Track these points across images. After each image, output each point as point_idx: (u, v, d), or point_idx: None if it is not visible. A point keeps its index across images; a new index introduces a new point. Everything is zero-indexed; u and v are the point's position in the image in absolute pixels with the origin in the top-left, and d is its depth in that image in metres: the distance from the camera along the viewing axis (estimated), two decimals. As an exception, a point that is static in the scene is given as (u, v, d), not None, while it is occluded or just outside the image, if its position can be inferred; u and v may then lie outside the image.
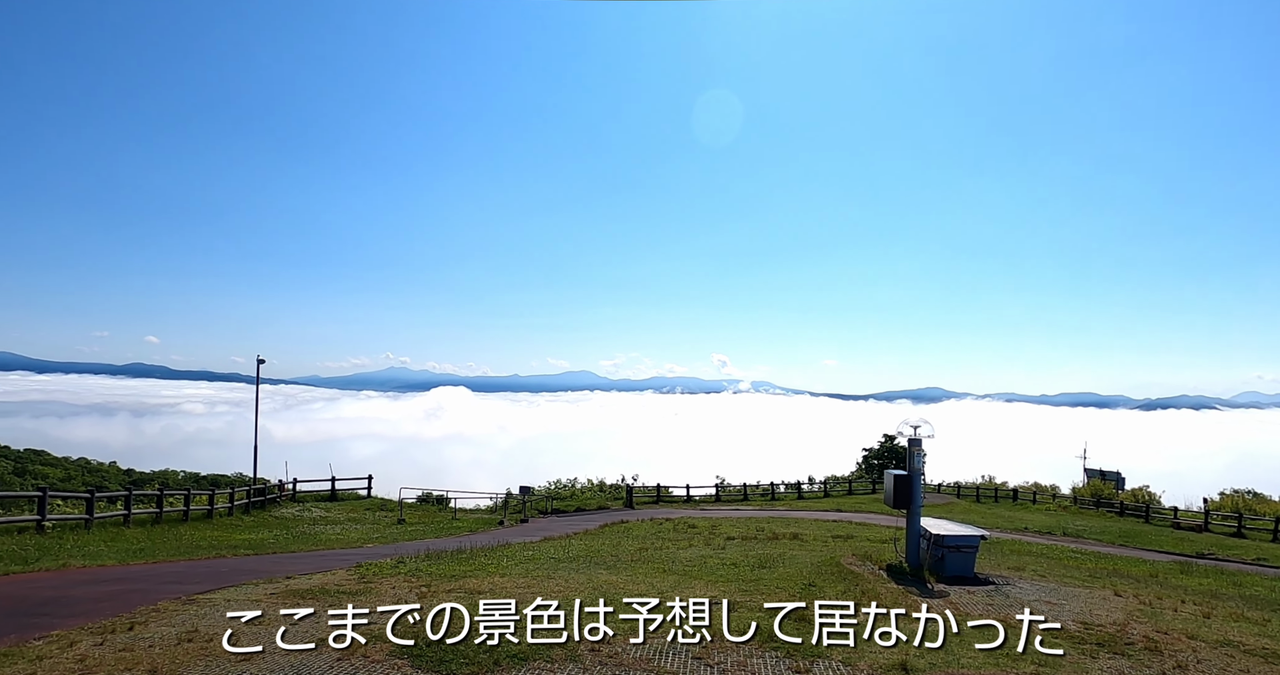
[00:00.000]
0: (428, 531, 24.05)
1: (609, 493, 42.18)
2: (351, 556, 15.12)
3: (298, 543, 19.46)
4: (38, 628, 7.32)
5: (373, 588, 9.56)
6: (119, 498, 21.01)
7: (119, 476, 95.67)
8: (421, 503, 35.86)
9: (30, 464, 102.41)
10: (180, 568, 13.27)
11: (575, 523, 27.35)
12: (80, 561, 13.40)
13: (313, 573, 11.50)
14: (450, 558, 12.96)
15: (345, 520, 27.34)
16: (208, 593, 9.32)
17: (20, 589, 10.25)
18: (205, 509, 25.07)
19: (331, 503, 34.18)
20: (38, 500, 17.45)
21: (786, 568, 12.50)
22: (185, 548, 16.96)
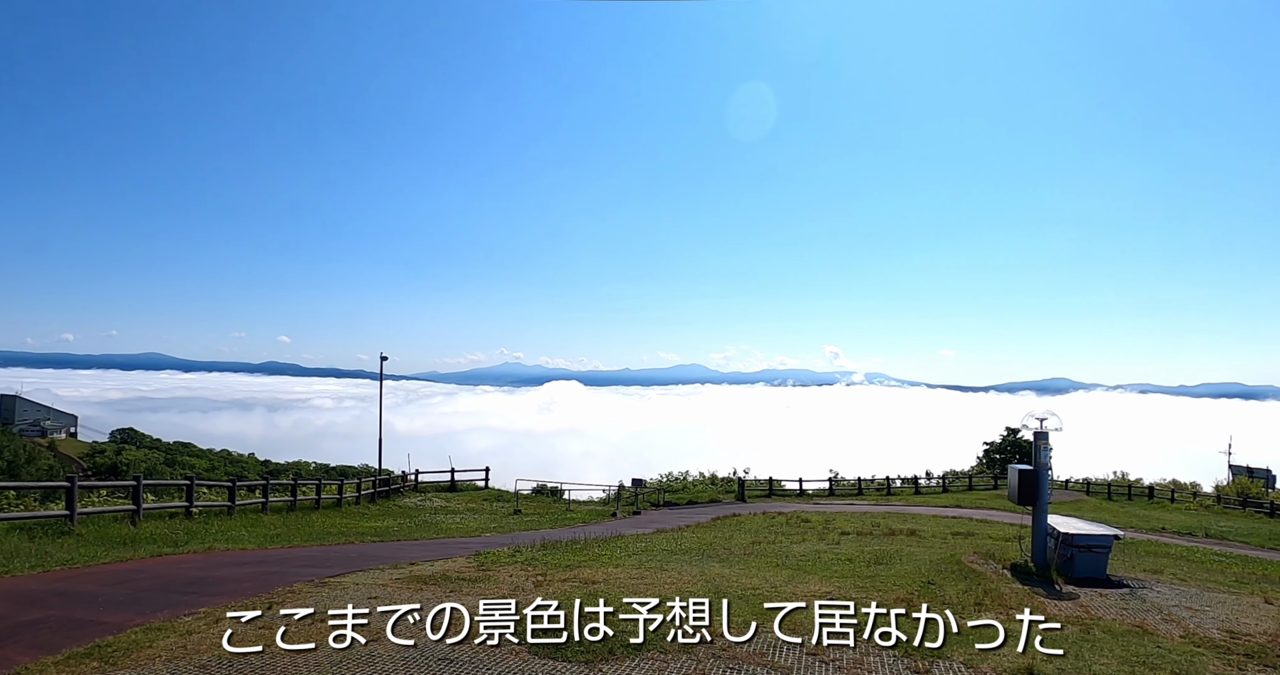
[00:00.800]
0: (543, 522, 24.55)
1: (720, 486, 42.06)
2: (471, 545, 15.61)
3: (420, 531, 20.23)
4: (187, 605, 7.87)
5: (491, 575, 9.82)
6: (257, 487, 22.36)
7: (256, 467, 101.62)
8: (536, 494, 36.62)
9: (178, 455, 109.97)
10: (313, 552, 14.01)
11: (687, 515, 27.40)
12: (223, 545, 14.33)
13: (434, 560, 11.93)
14: (565, 548, 13.18)
15: (464, 510, 28.18)
16: (338, 576, 9.79)
17: (171, 569, 11.06)
18: (335, 498, 26.33)
19: (451, 493, 35.35)
20: (186, 488, 18.73)
21: (904, 565, 12.17)
22: (317, 534, 17.88)
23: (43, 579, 9.99)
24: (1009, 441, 54.80)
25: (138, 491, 16.49)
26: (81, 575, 10.32)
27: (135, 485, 16.59)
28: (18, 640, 6.57)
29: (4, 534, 13.08)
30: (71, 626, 7.02)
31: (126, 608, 7.87)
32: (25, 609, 7.87)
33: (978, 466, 55.17)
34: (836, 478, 45.21)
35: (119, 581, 9.69)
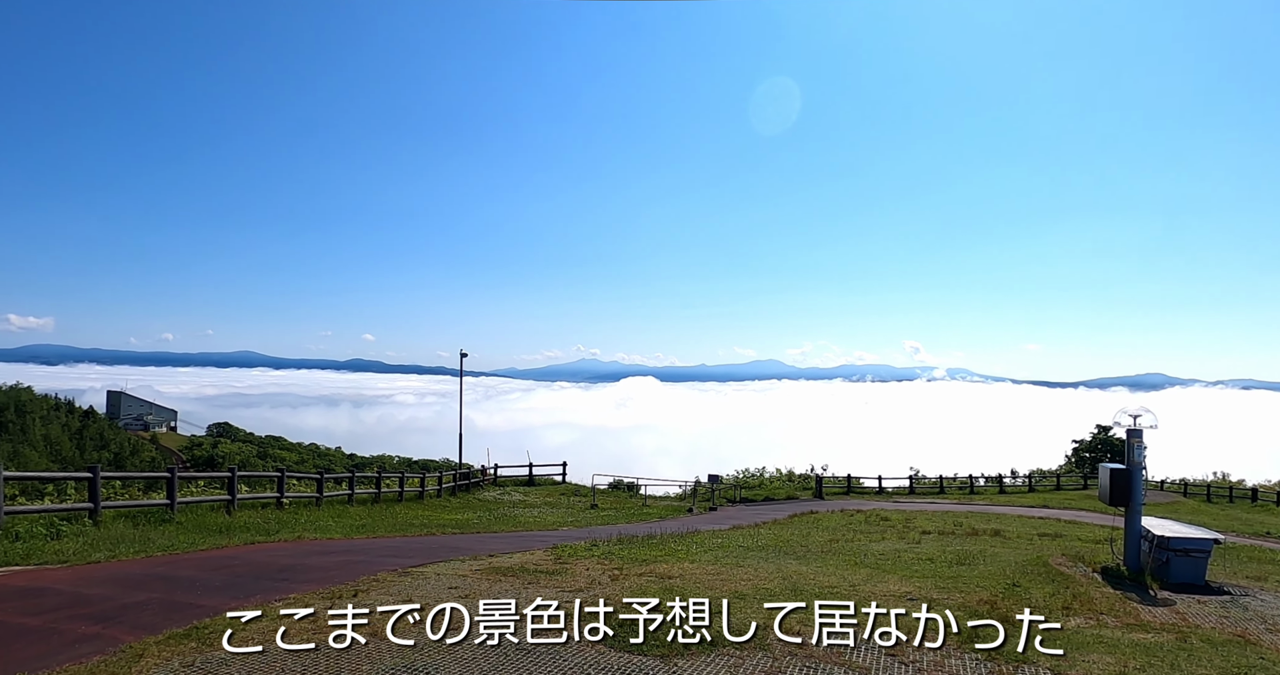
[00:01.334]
0: (619, 517, 24.69)
1: (797, 483, 41.64)
2: (548, 538, 15.81)
3: (499, 524, 20.58)
4: (279, 591, 8.18)
5: (568, 568, 9.93)
6: (344, 479, 23.09)
7: (343, 460, 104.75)
8: (612, 489, 36.84)
9: (270, 448, 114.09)
10: (396, 543, 14.41)
11: (763, 512, 27.20)
12: (312, 534, 14.86)
13: (513, 552, 12.12)
14: (641, 543, 13.24)
15: (542, 504, 28.55)
16: (420, 566, 10.05)
17: (265, 556, 11.52)
18: (417, 491, 26.99)
19: (529, 487, 35.85)
20: (277, 480, 19.47)
21: (988, 565, 11.84)
22: (400, 525, 18.37)
23: (146, 563, 10.53)
24: (1099, 440, 52.80)
25: (233, 482, 17.22)
26: (181, 560, 10.84)
27: (230, 477, 17.32)
28: (123, 620, 6.93)
29: (111, 520, 13.81)
30: (172, 608, 7.37)
31: (223, 592, 8.23)
32: (130, 591, 8.30)
33: (1066, 465, 53.31)
34: (917, 476, 44.27)
35: (216, 567, 10.15)
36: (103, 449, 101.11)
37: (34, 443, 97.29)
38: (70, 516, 13.32)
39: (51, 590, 8.39)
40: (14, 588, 8.57)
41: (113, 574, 9.59)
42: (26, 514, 12.54)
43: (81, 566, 10.17)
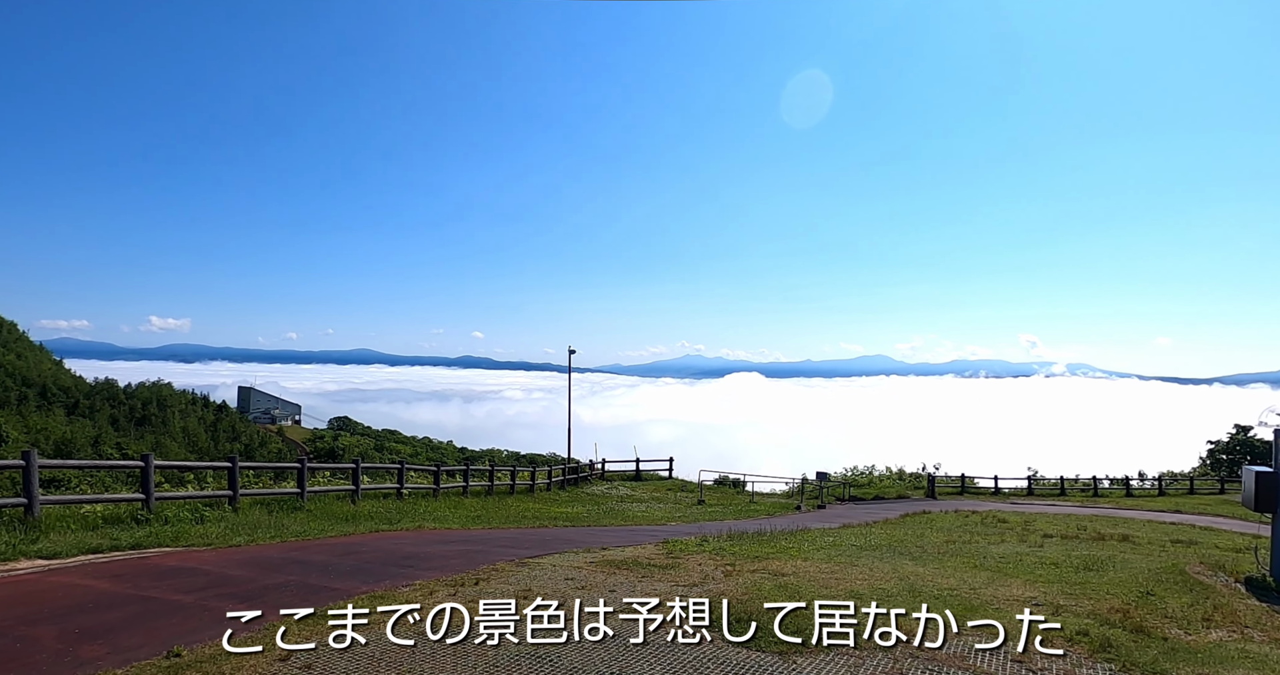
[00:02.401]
0: (726, 513, 24.64)
1: (909, 481, 40.65)
2: (657, 533, 15.93)
3: (608, 517, 20.85)
4: (404, 577, 8.53)
5: (680, 563, 9.97)
6: (458, 472, 23.87)
7: (454, 453, 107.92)
8: (718, 485, 36.79)
9: (386, 441, 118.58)
10: (511, 534, 14.79)
11: (874, 511, 26.66)
12: (432, 524, 15.42)
13: (625, 546, 12.27)
14: (751, 539, 13.18)
15: (649, 499, 28.75)
16: (536, 557, 10.29)
17: (388, 544, 12.05)
18: (528, 484, 27.62)
19: (636, 482, 36.15)
20: (397, 472, 20.30)
21: (1117, 572, 11.25)
22: (513, 517, 18.83)
23: (281, 548, 11.15)
24: (1239, 440, 49.48)
25: (356, 473, 18.04)
26: (312, 546, 11.43)
27: (354, 468, 18.15)
28: (264, 601, 7.35)
29: (248, 507, 14.70)
30: (308, 591, 7.78)
31: (353, 577, 8.65)
32: (270, 573, 8.82)
33: (1200, 468, 50.21)
34: (1035, 476, 42.55)
35: (345, 553, 10.66)
36: (234, 441, 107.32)
37: (174, 434, 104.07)
38: (212, 503, 14.27)
39: (200, 570, 9.00)
40: (167, 567, 9.25)
41: (252, 557, 10.22)
42: (174, 500, 13.51)
43: (224, 549, 10.88)
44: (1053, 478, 43.03)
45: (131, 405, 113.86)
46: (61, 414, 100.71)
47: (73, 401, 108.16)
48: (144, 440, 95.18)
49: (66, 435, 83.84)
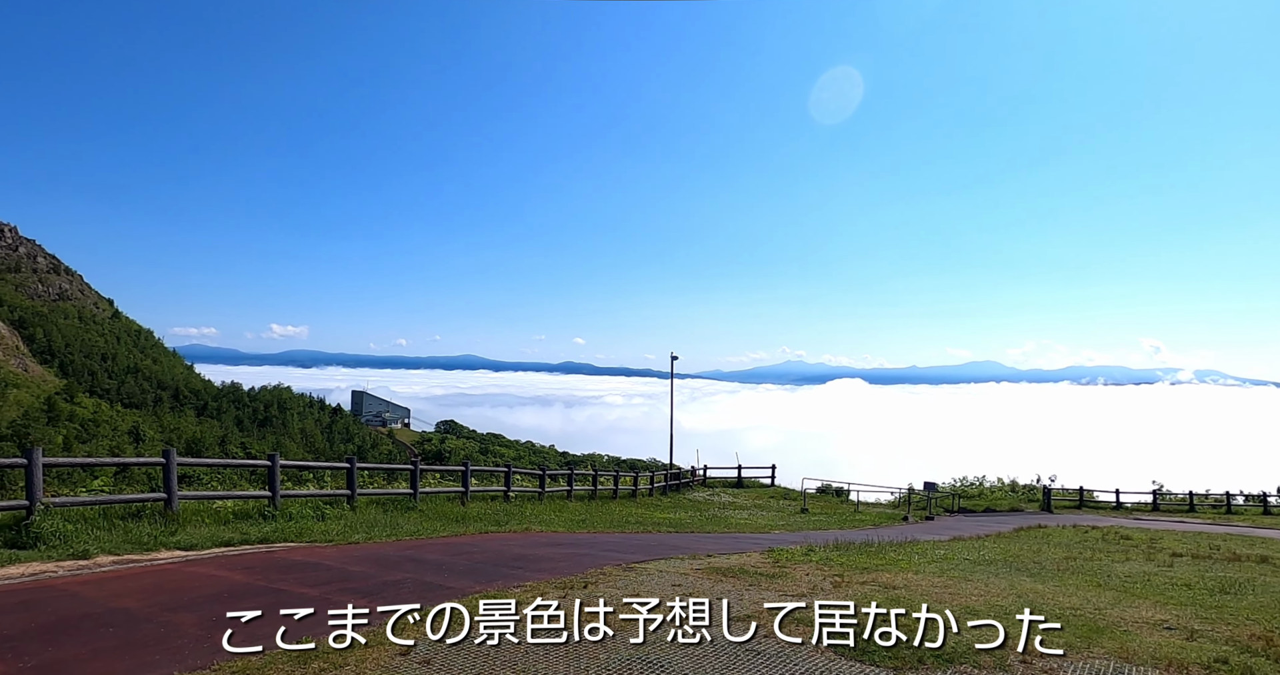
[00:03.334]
0: (830, 522, 24.24)
1: (1022, 494, 39.10)
2: (761, 541, 15.79)
3: (710, 524, 20.80)
4: (515, 578, 8.72)
5: (787, 572, 9.86)
6: (562, 476, 24.24)
7: (556, 458, 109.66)
8: (821, 493, 36.23)
9: (490, 445, 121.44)
10: (615, 538, 14.92)
11: (985, 524, 25.76)
12: (538, 527, 15.71)
13: (729, 553, 12.21)
14: (858, 550, 12.91)
15: (751, 506, 28.53)
16: (642, 562, 10.34)
17: (498, 545, 12.35)
18: (630, 489, 27.82)
19: (738, 489, 35.94)
20: (504, 475, 20.77)
21: (1258, 596, 10.52)
22: (616, 522, 19.00)
23: (397, 546, 11.57)
24: (1395, 456, 45.63)
25: (466, 476, 18.55)
26: (426, 545, 11.82)
27: (464, 470, 18.67)
28: (383, 596, 7.63)
29: (364, 506, 15.31)
30: (425, 588, 8.05)
31: (467, 576, 8.90)
32: (387, 570, 9.17)
33: (1350, 484, 46.48)
34: (1161, 491, 40.21)
35: (457, 553, 10.97)
36: (348, 442, 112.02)
37: (293, 435, 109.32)
38: (332, 501, 14.93)
39: (323, 565, 9.42)
40: (293, 561, 9.72)
41: (370, 554, 10.64)
42: (298, 497, 14.20)
43: (344, 546, 11.38)
44: (1180, 493, 40.56)
45: (254, 407, 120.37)
46: (192, 415, 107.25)
47: (202, 403, 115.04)
48: (266, 440, 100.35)
49: (196, 434, 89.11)
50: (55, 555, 9.55)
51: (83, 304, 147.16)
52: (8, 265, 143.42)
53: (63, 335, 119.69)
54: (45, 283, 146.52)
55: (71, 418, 73.38)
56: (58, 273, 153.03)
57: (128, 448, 69.64)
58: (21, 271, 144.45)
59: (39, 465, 10.39)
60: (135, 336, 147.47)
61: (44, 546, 9.80)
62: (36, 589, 7.89)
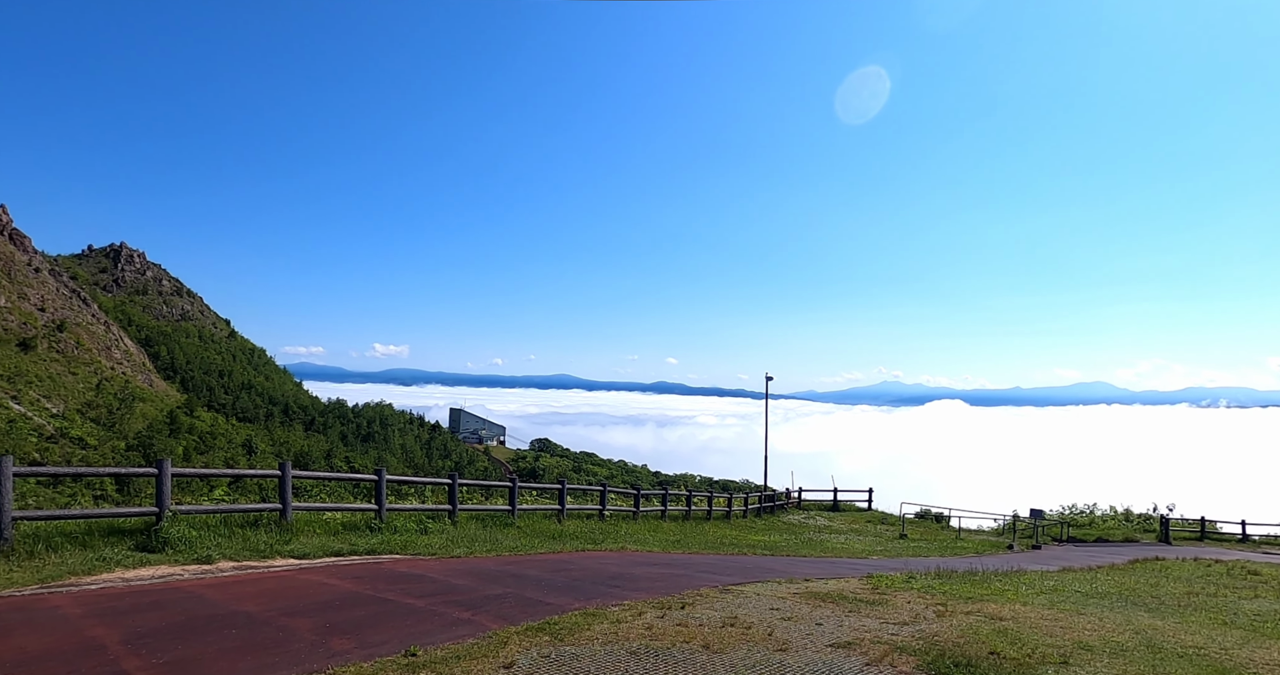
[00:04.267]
0: (930, 549, 23.56)
1: (1137, 523, 37.16)
2: (859, 566, 15.47)
3: (806, 548, 20.48)
4: (612, 596, 8.80)
5: (888, 599, 9.64)
6: (656, 496, 24.28)
7: (648, 477, 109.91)
8: (920, 518, 35.26)
9: (584, 463, 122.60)
10: (710, 560, 14.85)
11: (1096, 554, 24.59)
12: (633, 546, 15.78)
13: (827, 578, 12.02)
14: (961, 578, 12.52)
15: (847, 530, 27.97)
16: (739, 585, 10.28)
17: (595, 562, 12.46)
18: (724, 510, 27.66)
19: (833, 512, 35.29)
20: (599, 493, 20.96)
21: None
22: (711, 543, 18.91)
23: (497, 561, 11.82)
24: None
25: (562, 494, 18.80)
26: (525, 561, 12.02)
27: (560, 488, 18.92)
28: (487, 609, 7.82)
29: (465, 521, 15.71)
30: (525, 604, 8.20)
31: (565, 593, 9.02)
32: (488, 584, 9.38)
33: None
34: (1294, 524, 37.61)
35: (556, 570, 11.13)
36: (446, 458, 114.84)
37: (394, 450, 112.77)
38: (434, 515, 15.37)
39: (427, 577, 9.70)
40: (399, 572, 10.06)
41: (472, 567, 10.90)
42: (402, 511, 14.66)
43: (447, 559, 11.70)
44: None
45: (358, 423, 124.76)
46: (300, 429, 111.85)
47: (310, 418, 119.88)
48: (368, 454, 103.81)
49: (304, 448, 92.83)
50: (181, 559, 10.15)
51: (203, 324, 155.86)
52: (136, 288, 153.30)
53: (184, 353, 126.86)
54: (169, 304, 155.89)
55: (191, 430, 77.40)
56: (180, 295, 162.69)
57: (241, 459, 73.07)
58: (148, 294, 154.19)
59: (168, 475, 11.07)
60: (250, 355, 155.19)
61: (171, 551, 10.43)
62: (166, 590, 8.39)
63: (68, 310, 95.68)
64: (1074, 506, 40.34)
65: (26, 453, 52.96)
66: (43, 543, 9.99)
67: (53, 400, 68.79)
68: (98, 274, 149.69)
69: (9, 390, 65.01)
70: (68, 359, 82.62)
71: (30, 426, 59.99)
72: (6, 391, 64.51)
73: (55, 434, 60.75)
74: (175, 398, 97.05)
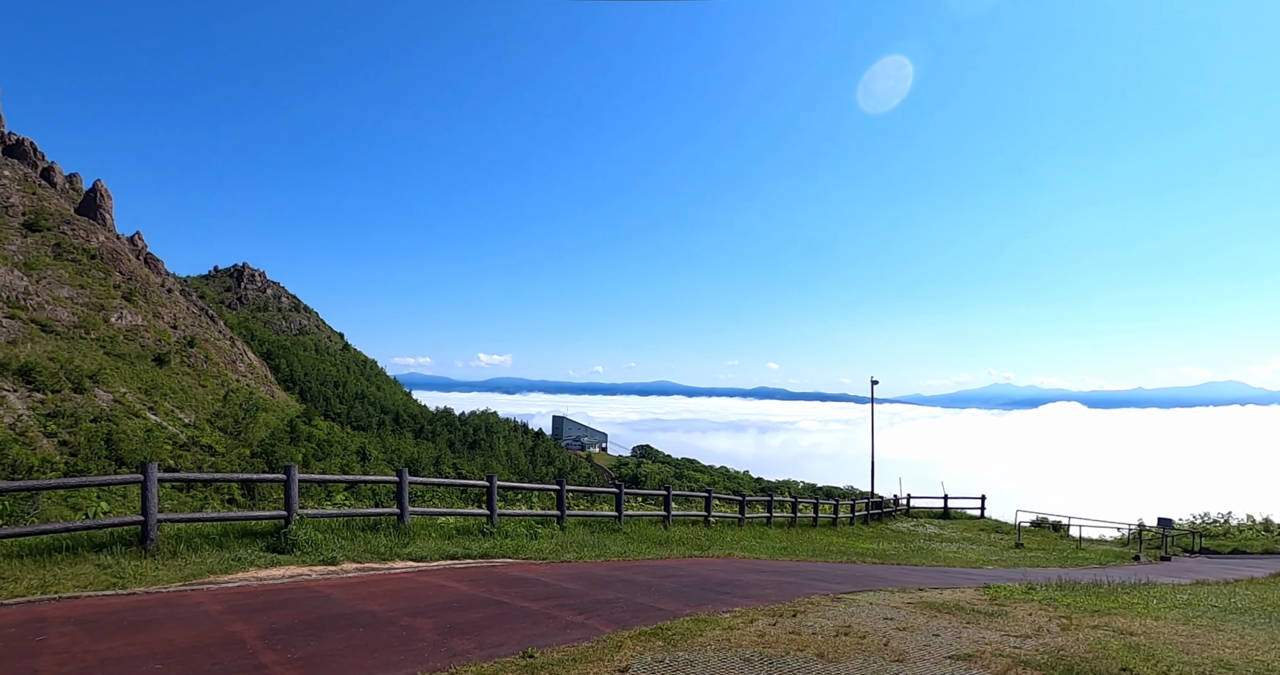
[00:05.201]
0: (1049, 559, 22.62)
1: (1278, 534, 34.76)
2: (974, 576, 14.98)
3: (917, 556, 19.96)
4: (723, 603, 8.79)
5: (1007, 611, 9.31)
6: (760, 502, 24.11)
7: (750, 484, 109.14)
8: (1036, 527, 33.90)
9: (685, 469, 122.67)
10: (818, 567, 14.65)
11: (1233, 566, 23.13)
12: (740, 553, 15.72)
13: (941, 587, 11.69)
14: (1085, 590, 11.96)
15: (959, 539, 27.12)
16: (850, 593, 10.11)
17: (702, 569, 12.47)
18: (830, 517, 27.23)
19: (944, 520, 34.25)
20: (704, 500, 20.94)
21: None
22: (819, 550, 18.64)
23: (606, 566, 11.96)
24: None
25: (668, 500, 18.87)
26: (633, 566, 12.13)
27: (665, 495, 18.99)
28: (599, 614, 7.94)
29: (572, 527, 15.97)
30: (636, 609, 8.28)
31: (675, 598, 9.06)
32: (599, 589, 9.50)
33: None
34: None
35: (664, 575, 11.19)
36: (549, 464, 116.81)
37: (499, 457, 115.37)
38: (543, 521, 15.67)
39: (539, 581, 9.91)
40: (512, 576, 10.30)
41: (581, 572, 11.07)
42: (512, 516, 15.01)
43: (557, 563, 11.92)
44: None
45: (465, 430, 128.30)
46: (410, 437, 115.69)
47: (419, 426, 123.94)
48: (475, 461, 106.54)
49: (414, 455, 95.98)
50: (308, 560, 10.66)
51: (319, 337, 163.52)
52: (258, 305, 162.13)
53: (302, 365, 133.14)
54: (288, 319, 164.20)
55: (309, 438, 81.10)
56: (298, 310, 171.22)
57: (356, 465, 76.08)
58: (269, 310, 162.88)
59: (295, 481, 11.67)
60: (362, 366, 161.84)
61: (299, 552, 10.97)
62: (295, 589, 8.83)
63: (197, 327, 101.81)
64: (1206, 515, 38.06)
65: (162, 459, 56.57)
66: (184, 543, 10.66)
67: (185, 411, 73.20)
68: (223, 292, 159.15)
69: (146, 402, 69.52)
70: (198, 372, 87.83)
71: (165, 435, 64.01)
72: (144, 403, 69.01)
73: (188, 442, 64.62)
74: (295, 407, 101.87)
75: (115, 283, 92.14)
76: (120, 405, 65.06)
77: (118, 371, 72.27)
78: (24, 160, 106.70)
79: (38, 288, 78.53)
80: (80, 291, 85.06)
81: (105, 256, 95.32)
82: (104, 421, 60.58)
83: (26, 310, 73.51)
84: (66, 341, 73.33)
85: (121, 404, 65.37)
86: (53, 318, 75.86)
